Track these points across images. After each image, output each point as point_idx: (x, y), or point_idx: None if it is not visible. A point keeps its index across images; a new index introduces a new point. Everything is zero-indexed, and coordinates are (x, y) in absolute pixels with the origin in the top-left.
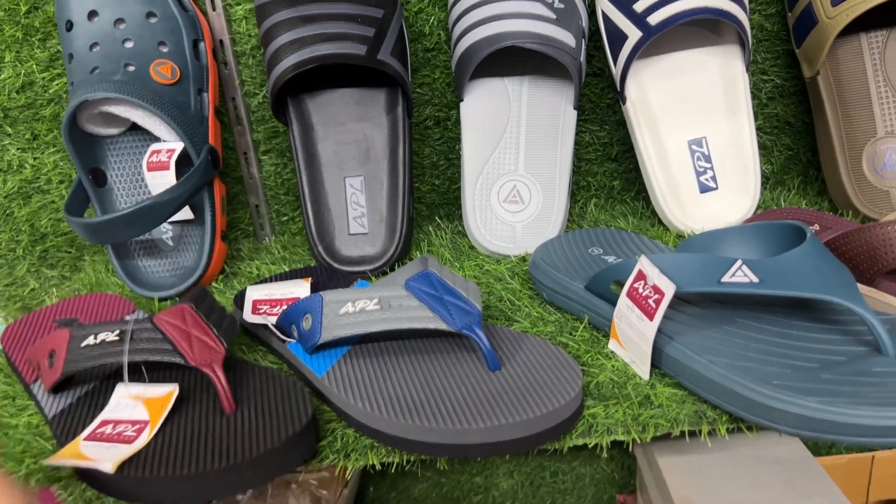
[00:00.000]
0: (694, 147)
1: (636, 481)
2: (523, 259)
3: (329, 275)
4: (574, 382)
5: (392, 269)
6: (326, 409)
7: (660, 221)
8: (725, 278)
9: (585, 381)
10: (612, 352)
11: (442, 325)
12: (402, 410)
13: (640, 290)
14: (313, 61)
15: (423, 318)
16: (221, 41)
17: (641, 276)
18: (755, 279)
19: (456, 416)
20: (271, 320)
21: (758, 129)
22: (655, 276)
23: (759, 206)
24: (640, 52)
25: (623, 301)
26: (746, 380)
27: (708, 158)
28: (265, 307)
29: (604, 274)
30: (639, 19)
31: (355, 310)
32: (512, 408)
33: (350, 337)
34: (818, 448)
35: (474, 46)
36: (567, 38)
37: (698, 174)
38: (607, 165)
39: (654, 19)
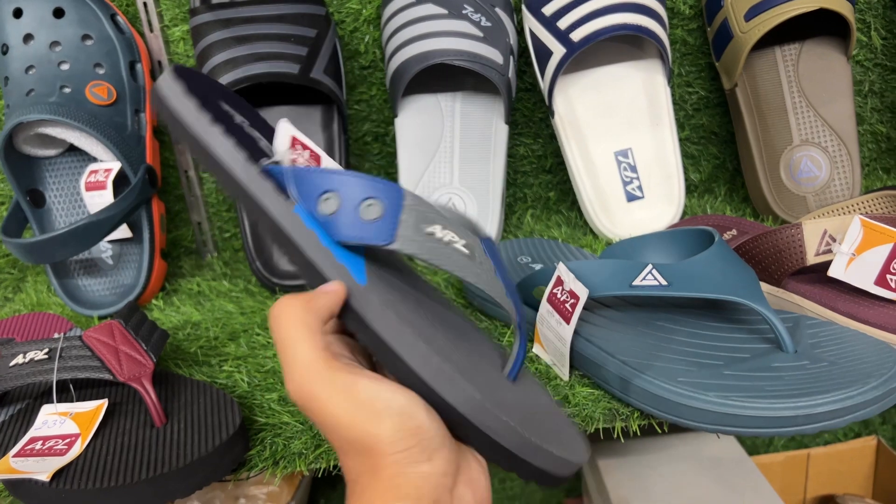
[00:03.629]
0: (620, 158)
1: (582, 485)
2: None
3: None
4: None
5: None
6: (257, 418)
7: (591, 230)
8: (636, 282)
9: None
10: (536, 355)
11: (511, 311)
12: (438, 352)
13: (559, 296)
14: (247, 80)
15: (499, 291)
16: (160, 62)
17: (559, 282)
18: (664, 282)
19: (478, 373)
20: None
21: (685, 139)
22: (571, 282)
23: (685, 213)
24: (564, 67)
25: (544, 306)
26: (654, 378)
27: (634, 168)
28: (299, 150)
29: (527, 281)
30: (563, 36)
31: (443, 238)
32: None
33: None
34: (756, 447)
35: (405, 64)
36: (494, 55)
37: (625, 184)
38: (542, 177)
39: (576, 36)
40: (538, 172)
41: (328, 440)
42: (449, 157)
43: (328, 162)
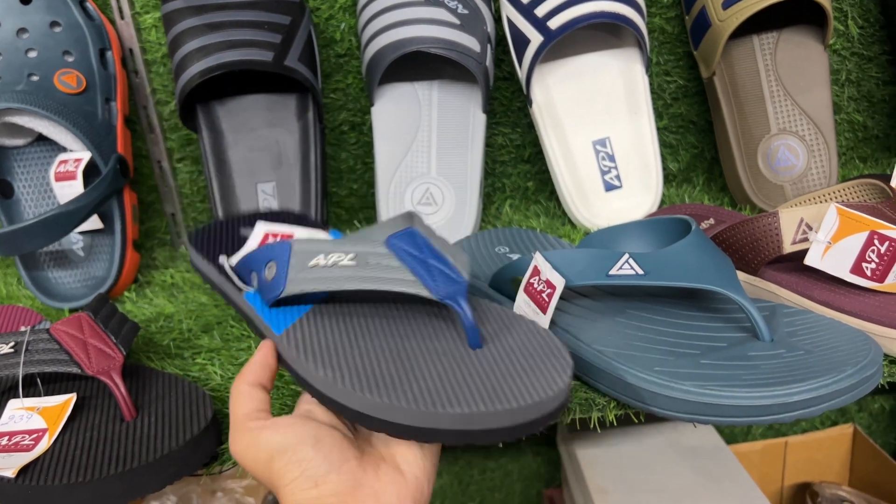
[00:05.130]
0: (598, 147)
1: (562, 475)
2: None
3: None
4: (563, 372)
5: None
6: (228, 410)
7: (570, 220)
8: (613, 271)
9: None
10: None
11: (423, 292)
12: (369, 383)
13: (535, 286)
14: (219, 68)
15: (402, 280)
16: (131, 50)
17: (536, 271)
18: (641, 271)
19: (429, 397)
20: (230, 261)
21: (663, 128)
22: (548, 272)
23: (663, 202)
24: (542, 55)
25: (521, 296)
26: (631, 367)
27: (612, 158)
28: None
29: (504, 271)
30: (540, 24)
31: (327, 263)
32: (492, 394)
33: (316, 294)
34: (734, 436)
35: (381, 52)
36: (471, 42)
37: (603, 173)
38: (521, 167)
39: (554, 23)
40: (516, 162)
41: None
42: (426, 147)
43: (304, 233)
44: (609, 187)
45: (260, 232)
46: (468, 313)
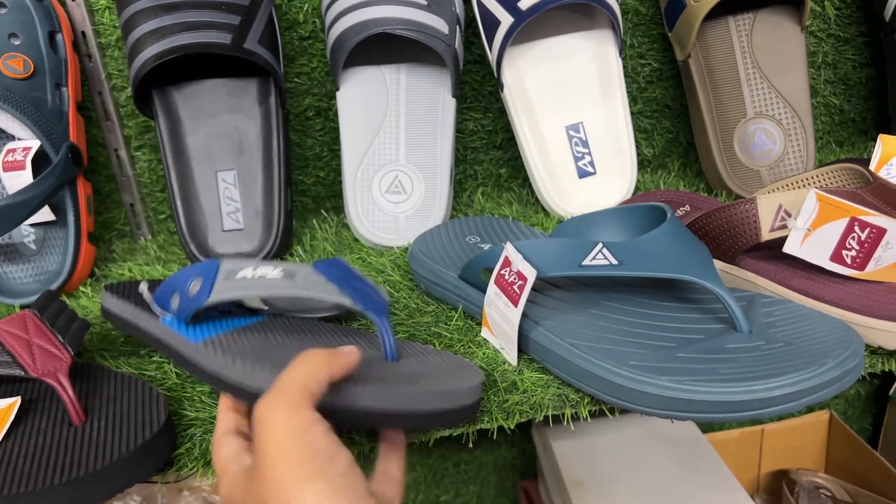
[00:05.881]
0: (571, 132)
1: (538, 467)
2: (406, 250)
3: None
4: (474, 385)
5: None
6: (187, 412)
7: (543, 208)
8: (586, 262)
9: None
10: (484, 340)
11: (346, 301)
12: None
13: (506, 277)
14: (175, 51)
15: (327, 290)
16: (83, 33)
17: (507, 262)
18: (615, 261)
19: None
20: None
21: (638, 112)
22: (519, 263)
23: (638, 189)
24: (512, 37)
25: (492, 288)
26: (604, 361)
27: (585, 143)
28: None
29: (474, 262)
30: (510, 4)
31: (254, 275)
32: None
33: (235, 318)
34: (710, 425)
35: (345, 34)
36: (439, 24)
37: (576, 159)
38: (493, 153)
39: (524, 4)
40: (488, 148)
41: None
42: (394, 133)
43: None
44: (582, 174)
45: None
46: (388, 329)
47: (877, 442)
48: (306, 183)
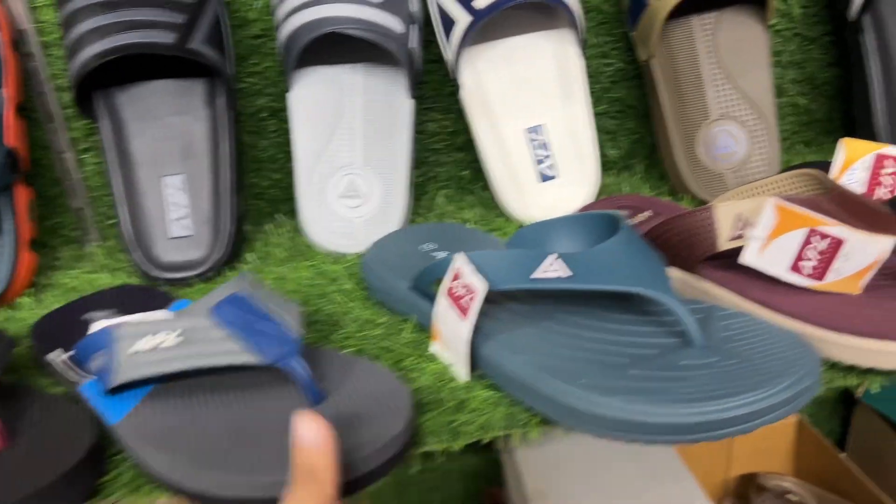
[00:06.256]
0: (532, 135)
1: (503, 475)
2: (361, 257)
3: (143, 295)
4: (399, 417)
5: (220, 273)
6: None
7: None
8: (538, 274)
9: None
10: (434, 354)
11: (251, 359)
12: (207, 461)
13: (456, 290)
14: (115, 52)
15: (229, 352)
16: (23, 31)
17: (457, 274)
18: (567, 273)
19: (268, 466)
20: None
21: (602, 113)
22: (469, 275)
23: (602, 192)
24: (469, 37)
25: (442, 300)
26: (554, 380)
27: (546, 146)
28: None
29: (425, 273)
30: (467, 3)
31: (151, 346)
32: None
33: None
34: None
35: (295, 33)
36: (394, 23)
37: (537, 162)
38: (455, 155)
39: (480, 3)
40: (450, 150)
41: None
42: (350, 135)
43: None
44: (544, 177)
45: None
46: (301, 372)
47: (845, 444)
48: (261, 186)
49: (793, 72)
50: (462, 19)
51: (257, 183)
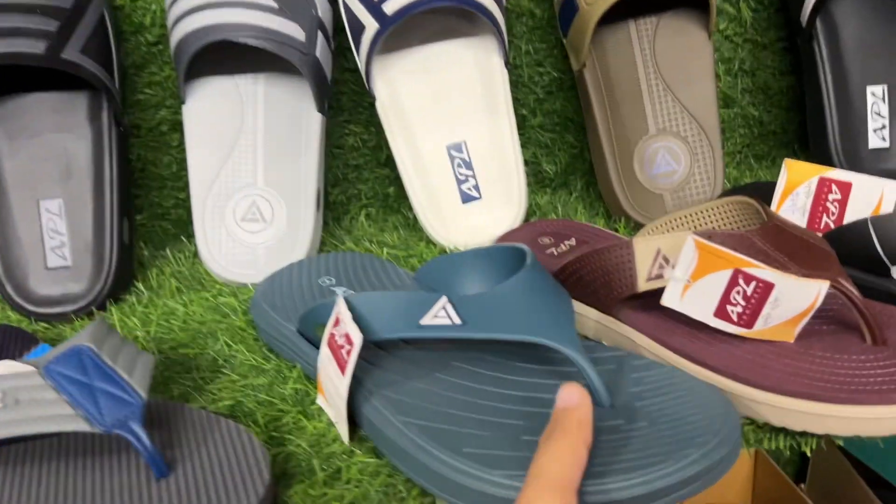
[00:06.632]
0: (453, 152)
1: None
2: None
3: (8, 335)
4: (255, 491)
5: (103, 308)
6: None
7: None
8: (426, 320)
9: (274, 454)
10: (320, 408)
11: (84, 427)
12: None
13: (336, 339)
14: None
15: (58, 417)
16: None
17: (337, 321)
18: (457, 321)
19: None
20: None
21: (538, 126)
22: (346, 323)
23: (533, 212)
24: (378, 44)
25: (324, 350)
26: (437, 448)
27: (469, 165)
28: None
29: (307, 316)
30: (375, 8)
31: None
32: None
33: None
34: None
35: (184, 40)
36: (293, 30)
37: (459, 182)
38: (378, 171)
39: (389, 8)
40: (373, 166)
41: None
42: (251, 152)
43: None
44: (466, 198)
45: None
46: (144, 441)
47: (805, 475)
48: (165, 206)
49: (744, 80)
50: (370, 25)
51: (160, 203)
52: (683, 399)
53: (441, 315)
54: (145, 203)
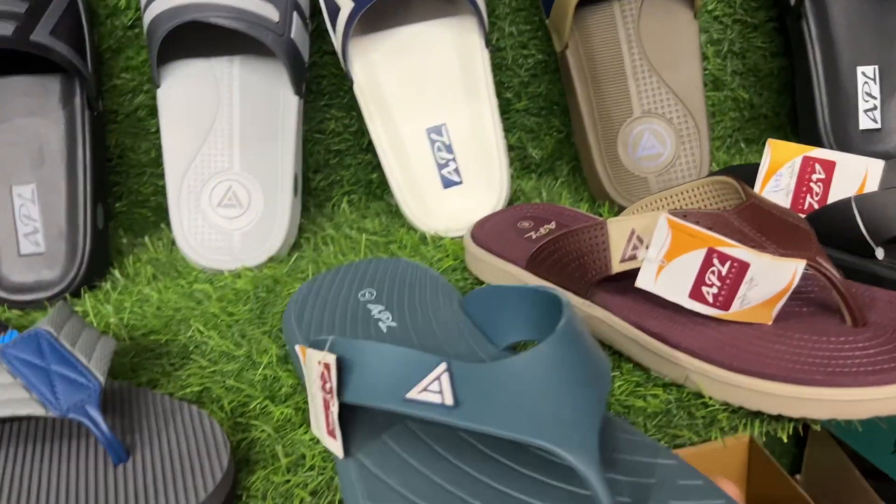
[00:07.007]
0: (433, 136)
1: None
2: (239, 275)
3: None
4: (212, 476)
5: (77, 295)
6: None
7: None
8: (414, 393)
9: (239, 440)
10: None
11: (39, 410)
12: None
13: (326, 388)
14: None
15: (11, 401)
16: None
17: (325, 372)
18: (450, 400)
19: None
20: None
21: (523, 110)
22: (332, 377)
23: (517, 197)
24: (353, 25)
25: (317, 396)
26: None
27: (450, 149)
28: None
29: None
30: None
31: None
32: None
33: None
34: None
35: (156, 21)
36: (267, 10)
37: (440, 167)
38: (361, 157)
39: None
40: (356, 151)
41: None
42: (227, 137)
43: None
44: (447, 183)
45: None
46: (100, 424)
47: (800, 467)
48: (144, 193)
49: (734, 62)
50: (345, 5)
51: (139, 190)
52: None
53: (433, 389)
54: (124, 190)
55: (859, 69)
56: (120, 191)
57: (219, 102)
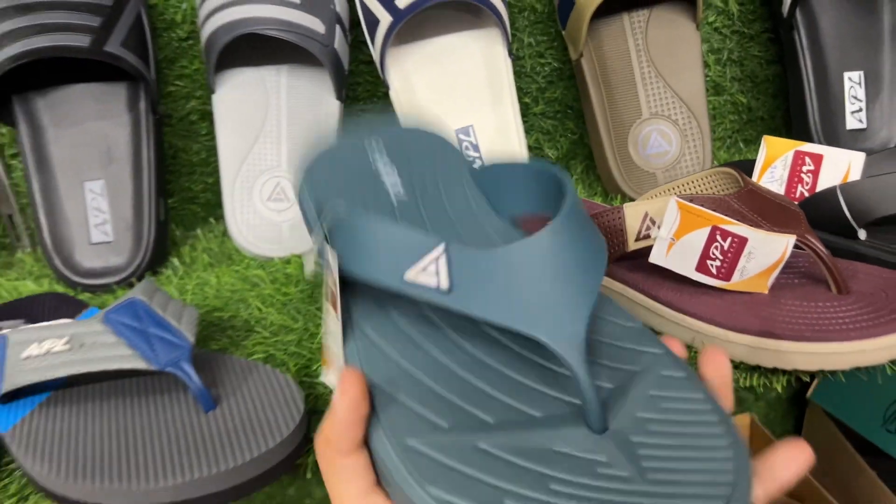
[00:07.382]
0: (462, 136)
1: None
2: (287, 262)
3: (54, 302)
4: (289, 422)
5: (142, 279)
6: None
7: None
8: (412, 274)
9: (306, 394)
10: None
11: (141, 364)
12: (85, 470)
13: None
14: (28, 55)
15: (118, 357)
16: None
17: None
18: (445, 284)
19: (145, 473)
20: None
21: (540, 114)
22: (329, 254)
23: None
24: (392, 37)
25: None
26: (388, 429)
27: (476, 147)
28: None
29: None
30: (389, 3)
31: (41, 352)
32: (214, 457)
33: (50, 381)
34: None
35: (215, 34)
36: (315, 24)
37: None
38: None
39: (402, 2)
40: None
41: None
42: (275, 138)
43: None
44: None
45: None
46: (193, 377)
47: None
48: (194, 190)
49: (732, 69)
50: (384, 19)
51: (190, 187)
52: (694, 437)
53: (429, 271)
54: (176, 188)
55: (846, 75)
56: (172, 188)
57: (268, 107)
